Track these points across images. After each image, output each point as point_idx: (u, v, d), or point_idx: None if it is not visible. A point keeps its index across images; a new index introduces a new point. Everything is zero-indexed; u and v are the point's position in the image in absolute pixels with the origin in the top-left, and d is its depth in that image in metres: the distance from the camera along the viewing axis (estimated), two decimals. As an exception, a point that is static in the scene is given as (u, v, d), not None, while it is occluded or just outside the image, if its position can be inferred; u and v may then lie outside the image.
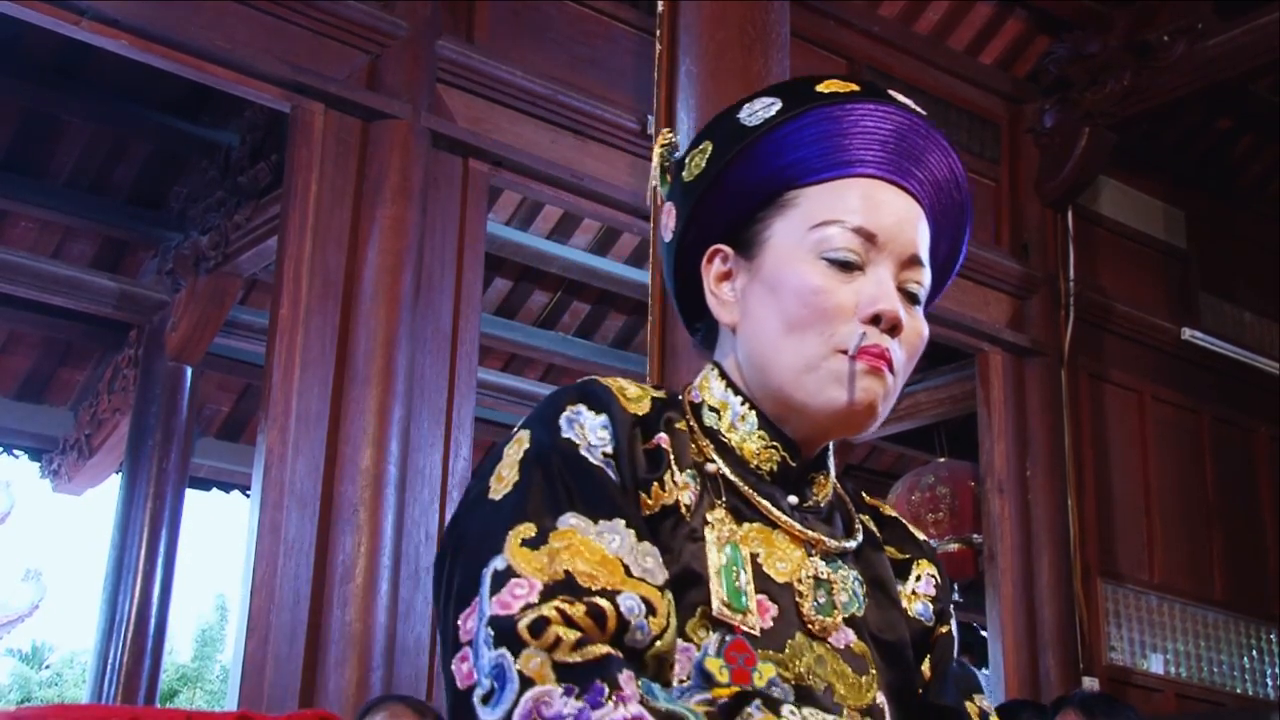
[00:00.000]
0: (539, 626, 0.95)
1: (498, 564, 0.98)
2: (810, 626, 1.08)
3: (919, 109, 1.15)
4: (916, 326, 1.11)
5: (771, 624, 1.06)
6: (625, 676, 0.94)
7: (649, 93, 3.47)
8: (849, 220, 1.09)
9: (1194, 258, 5.71)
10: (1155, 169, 5.63)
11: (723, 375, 1.15)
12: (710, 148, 1.15)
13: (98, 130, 5.16)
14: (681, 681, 1.02)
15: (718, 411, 1.13)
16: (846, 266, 1.09)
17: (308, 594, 3.36)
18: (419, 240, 3.68)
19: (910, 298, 1.11)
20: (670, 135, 1.27)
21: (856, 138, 1.12)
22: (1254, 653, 5.39)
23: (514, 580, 0.96)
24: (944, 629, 1.21)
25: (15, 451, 6.35)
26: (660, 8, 3.45)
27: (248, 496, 4.25)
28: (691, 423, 1.13)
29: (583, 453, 1.04)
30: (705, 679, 1.01)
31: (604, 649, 0.95)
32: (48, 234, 5.48)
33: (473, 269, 3.88)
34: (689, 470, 1.09)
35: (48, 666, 16.28)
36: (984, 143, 5.16)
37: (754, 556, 1.08)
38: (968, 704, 1.19)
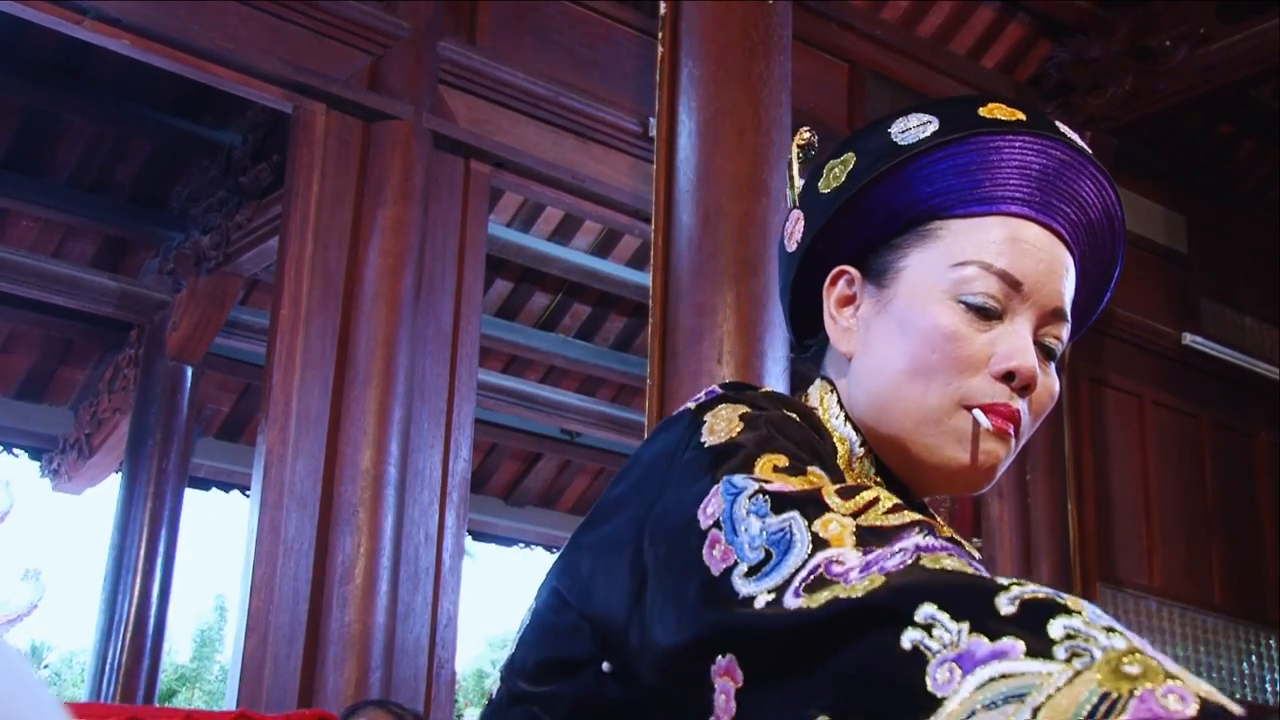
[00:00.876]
0: (847, 491, 0.81)
1: (755, 474, 0.84)
2: None
3: (1084, 144, 1.05)
4: (1049, 385, 1.02)
5: None
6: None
7: (651, 95, 3.47)
8: (994, 263, 1.00)
9: (1195, 263, 5.71)
10: (1156, 174, 5.63)
11: (840, 403, 1.06)
12: (854, 161, 1.05)
13: (99, 129, 5.17)
14: None
15: (835, 444, 1.03)
16: (985, 313, 0.99)
17: (307, 594, 3.36)
18: (420, 241, 3.68)
19: (1047, 353, 1.02)
20: (809, 135, 1.17)
21: (1014, 172, 1.01)
22: (1253, 658, 5.38)
23: (782, 482, 0.83)
24: None
25: (15, 450, 6.35)
26: (662, 10, 3.45)
27: (247, 496, 4.25)
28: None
29: (818, 431, 0.95)
30: None
31: (913, 517, 0.80)
32: (49, 233, 5.48)
33: (473, 270, 3.88)
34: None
35: (46, 666, 16.28)
36: (985, 147, 5.16)
37: None
38: None
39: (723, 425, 0.90)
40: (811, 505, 0.80)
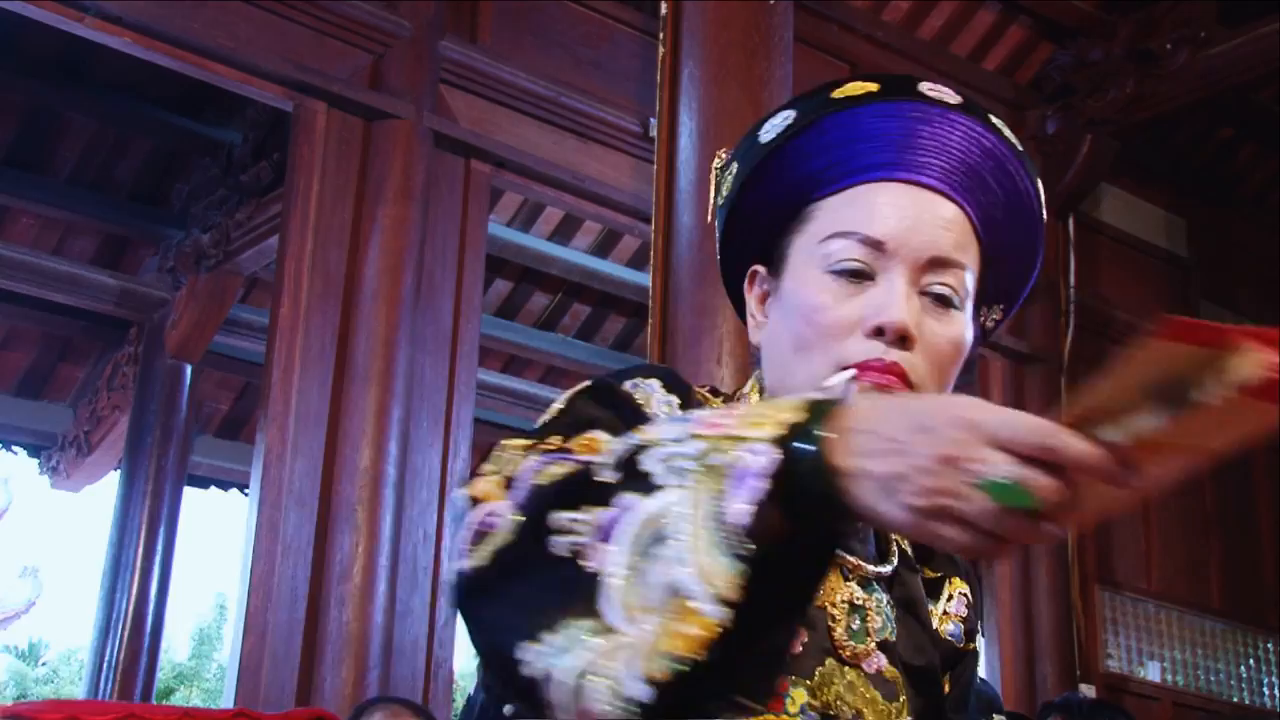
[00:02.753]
0: (499, 455, 0.89)
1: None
2: (842, 652, 1.04)
3: (946, 94, 1.07)
4: (945, 332, 1.03)
5: (801, 649, 1.01)
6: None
7: (651, 95, 3.47)
8: (855, 230, 1.03)
9: (1195, 266, 5.71)
10: (1157, 177, 5.63)
11: (761, 391, 1.11)
12: (735, 168, 1.10)
13: (100, 127, 5.17)
14: None
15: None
16: (855, 276, 1.02)
17: (305, 593, 3.36)
18: (420, 240, 3.68)
19: (939, 300, 1.03)
20: (723, 155, 1.21)
21: (870, 141, 1.05)
22: (1251, 661, 5.38)
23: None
24: (971, 646, 1.17)
25: (14, 448, 6.35)
26: (664, 11, 3.45)
27: (246, 495, 4.25)
28: None
29: (640, 404, 1.00)
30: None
31: (550, 444, 0.87)
32: (49, 230, 5.48)
33: (473, 270, 3.88)
34: None
35: (44, 663, 16.26)
36: (986, 149, 5.16)
37: None
38: None
39: (554, 405, 0.99)
40: (472, 478, 0.89)
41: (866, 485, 0.72)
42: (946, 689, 1.14)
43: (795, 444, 0.73)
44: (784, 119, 1.08)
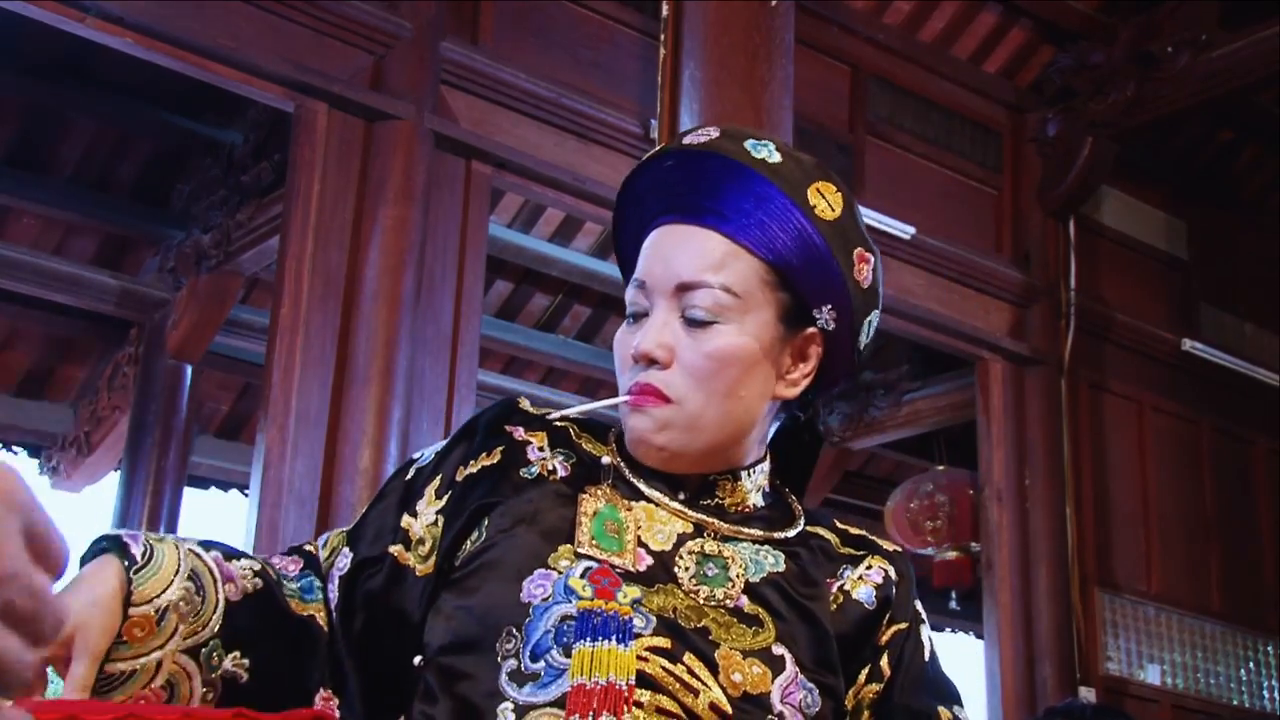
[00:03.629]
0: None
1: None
2: (691, 594, 1.12)
3: (706, 137, 1.21)
4: (700, 347, 1.15)
5: (645, 570, 1.12)
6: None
7: (653, 97, 3.47)
8: (634, 277, 1.20)
9: (1195, 269, 5.71)
10: (1158, 180, 5.63)
11: None
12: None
13: (101, 127, 5.17)
14: (545, 599, 1.06)
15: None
16: (635, 318, 1.19)
17: (305, 594, 3.36)
18: (421, 241, 3.68)
19: (694, 320, 1.16)
20: None
21: (645, 196, 1.22)
22: (1251, 665, 5.38)
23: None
24: (900, 625, 1.21)
25: (14, 448, 6.34)
26: (665, 12, 3.45)
27: (246, 495, 4.24)
28: (578, 432, 1.26)
29: (412, 465, 1.29)
30: (568, 593, 1.07)
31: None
32: (50, 230, 5.48)
33: (474, 271, 3.88)
34: (561, 453, 1.21)
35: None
36: (986, 151, 5.16)
37: (636, 525, 1.15)
38: (942, 709, 1.20)
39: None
40: None
41: None
42: (887, 671, 1.19)
43: None
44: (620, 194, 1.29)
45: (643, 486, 1.19)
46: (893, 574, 1.23)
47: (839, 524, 1.28)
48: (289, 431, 3.44)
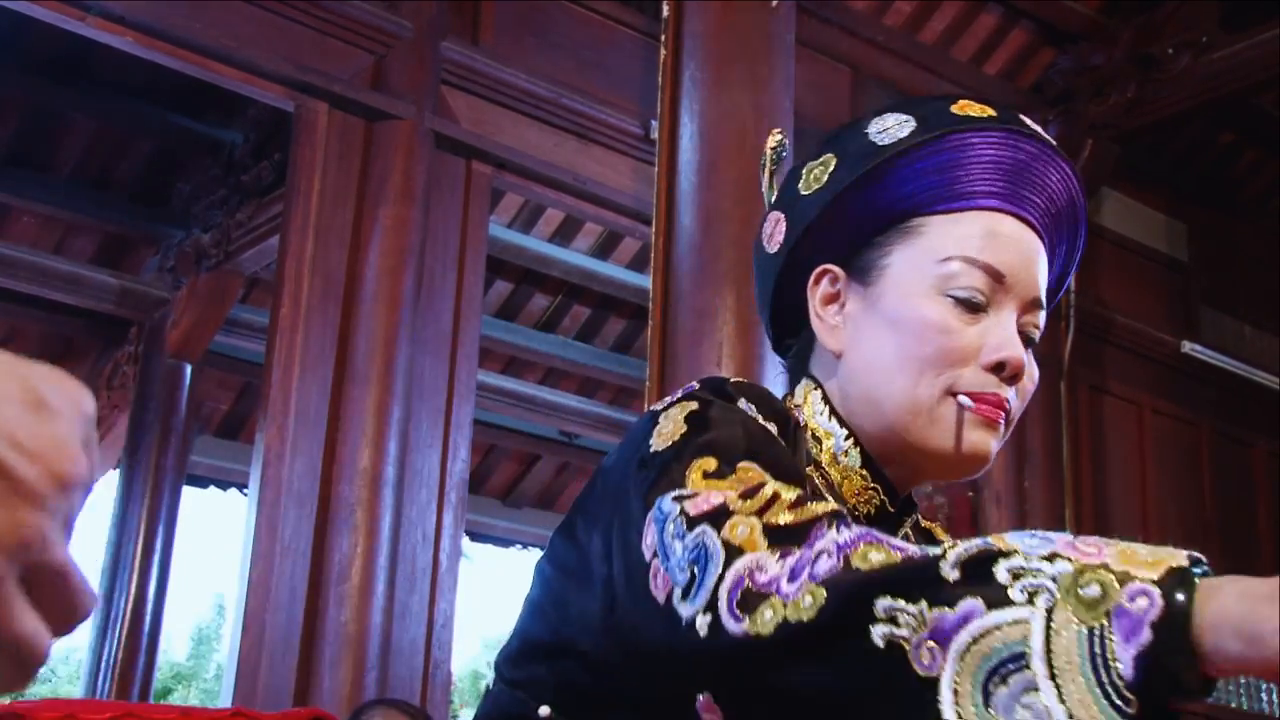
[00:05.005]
0: (750, 491, 0.84)
1: (680, 492, 0.86)
2: None
3: (1049, 137, 1.09)
4: (1031, 372, 1.06)
5: None
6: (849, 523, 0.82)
7: (653, 97, 3.47)
8: (978, 257, 1.03)
9: (1195, 271, 5.71)
10: (1158, 181, 5.63)
11: (825, 399, 1.08)
12: (834, 162, 1.07)
13: (101, 126, 5.17)
14: None
15: (820, 441, 1.06)
16: (972, 306, 1.03)
17: (303, 593, 3.36)
18: (421, 241, 3.68)
19: (1026, 340, 1.06)
20: (780, 135, 1.20)
21: (988, 167, 1.05)
22: (1250, 667, 5.38)
23: (705, 493, 0.86)
24: None
25: (13, 446, 6.33)
26: (665, 13, 3.45)
27: (245, 494, 4.24)
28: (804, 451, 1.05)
29: (762, 421, 0.97)
30: None
31: (828, 506, 0.83)
32: (50, 229, 5.48)
33: (474, 271, 3.88)
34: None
35: (42, 662, 16.23)
36: (987, 153, 5.16)
37: None
38: None
39: (669, 427, 0.93)
40: (719, 515, 0.82)
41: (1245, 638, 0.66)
42: None
43: (1176, 593, 0.66)
44: (902, 123, 1.06)
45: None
46: None
47: (921, 521, 1.18)
48: (288, 431, 3.44)
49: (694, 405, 0.95)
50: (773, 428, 0.98)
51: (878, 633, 0.72)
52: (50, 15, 3.42)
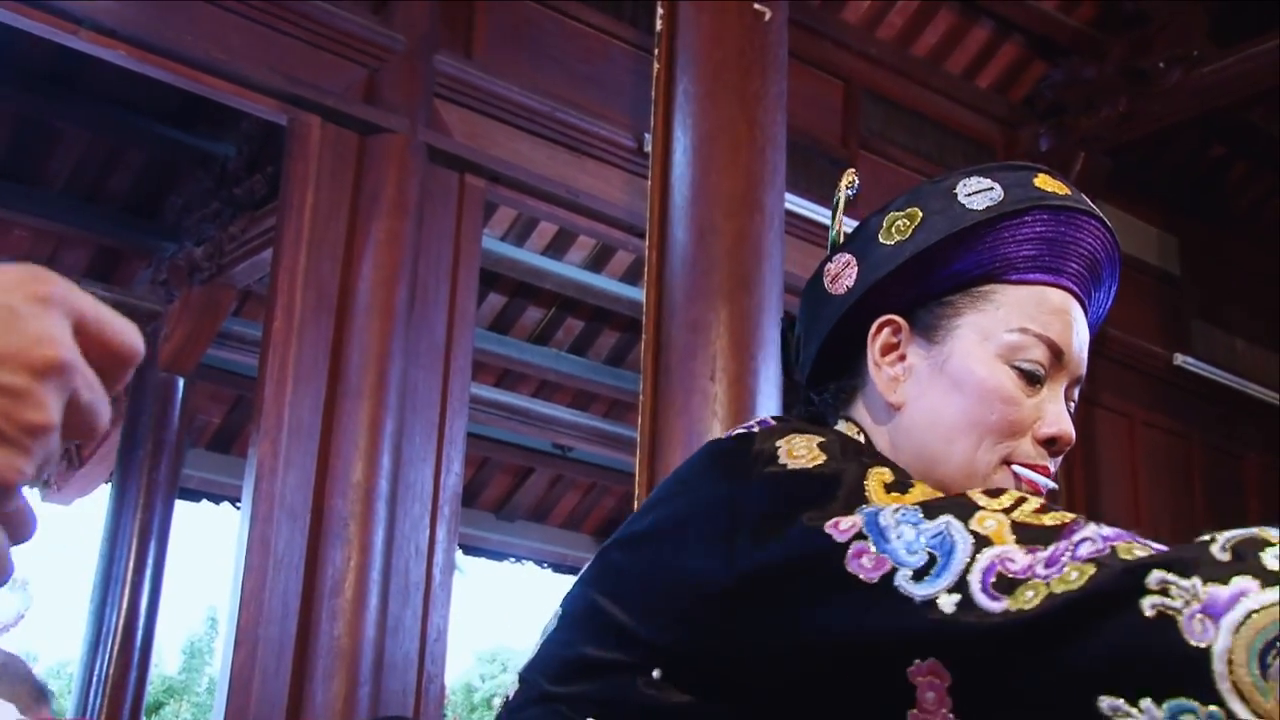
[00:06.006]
0: (994, 491, 0.90)
1: (889, 505, 0.89)
2: None
3: (1106, 219, 1.14)
4: (1071, 439, 1.11)
5: None
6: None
7: (646, 111, 3.48)
8: (1045, 333, 1.07)
9: (1187, 284, 5.73)
10: (1150, 195, 5.65)
11: (871, 446, 1.10)
12: (920, 217, 1.10)
13: (93, 139, 5.16)
14: None
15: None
16: (1032, 379, 1.07)
17: (296, 607, 3.35)
18: (414, 254, 3.68)
19: (1069, 412, 1.11)
20: (853, 175, 1.22)
21: (1069, 247, 1.09)
22: (1243, 679, 5.38)
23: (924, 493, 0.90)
24: None
25: (4, 460, 6.31)
26: (658, 27, 3.46)
27: (237, 508, 4.23)
28: None
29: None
30: None
31: (1071, 516, 0.88)
32: (42, 242, 5.48)
33: (467, 284, 3.88)
34: None
35: (33, 676, 16.16)
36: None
37: None
38: None
39: (803, 451, 0.96)
40: (962, 506, 0.87)
41: None
42: None
43: None
44: (988, 189, 1.09)
45: None
46: None
47: None
48: (281, 445, 3.44)
49: (820, 438, 0.98)
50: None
51: (1148, 603, 0.76)
52: (43, 29, 3.42)
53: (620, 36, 4.31)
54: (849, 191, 1.21)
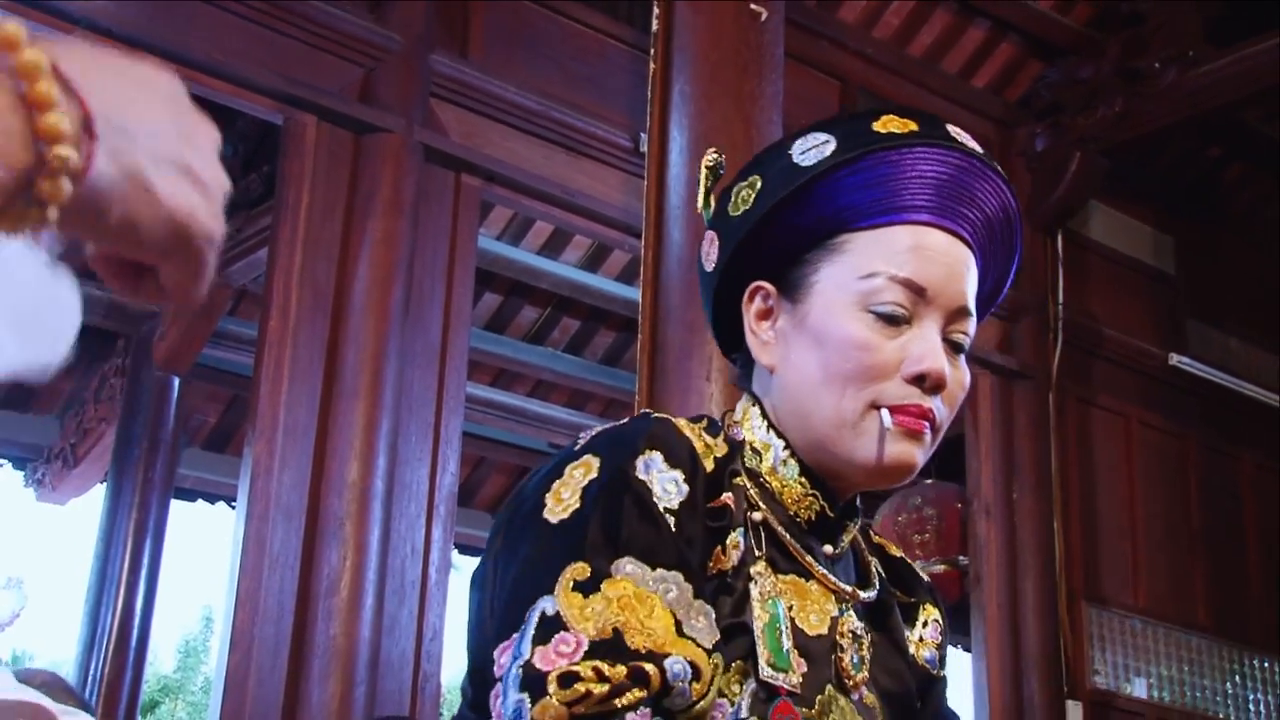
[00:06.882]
0: (568, 680, 0.92)
1: (547, 607, 0.94)
2: (846, 682, 1.06)
3: (976, 146, 1.11)
4: (959, 378, 1.09)
5: (802, 679, 1.03)
6: None
7: (642, 110, 3.47)
8: (898, 272, 1.06)
9: (1182, 284, 5.73)
10: (1145, 195, 5.65)
11: (764, 414, 1.11)
12: (760, 183, 1.11)
13: (89, 138, 5.15)
14: None
15: (759, 453, 1.10)
16: (893, 320, 1.06)
17: (292, 607, 3.35)
18: (409, 254, 3.68)
19: (955, 348, 1.08)
20: (716, 155, 1.22)
21: (912, 182, 1.07)
22: (1237, 678, 5.39)
23: (561, 634, 0.93)
24: (942, 673, 1.20)
25: (-1, 460, 6.31)
26: (655, 27, 3.46)
27: (233, 507, 4.23)
28: (740, 467, 1.09)
29: (654, 499, 0.99)
30: None
31: (630, 699, 0.92)
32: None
33: (463, 283, 3.87)
34: (739, 528, 1.05)
35: (28, 676, 16.11)
36: (975, 166, 5.18)
37: (789, 609, 1.05)
38: None
39: (567, 494, 0.99)
40: (539, 688, 0.92)
41: None
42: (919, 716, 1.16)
43: None
44: (823, 143, 1.08)
45: (795, 545, 1.08)
46: (941, 622, 1.21)
47: (874, 537, 1.23)
48: (277, 444, 3.43)
49: (594, 475, 0.99)
50: (679, 474, 1.01)
51: None
52: (39, 28, 3.41)
53: (616, 36, 4.31)
54: (714, 173, 1.20)
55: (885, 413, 1.04)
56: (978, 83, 5.17)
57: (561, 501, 0.99)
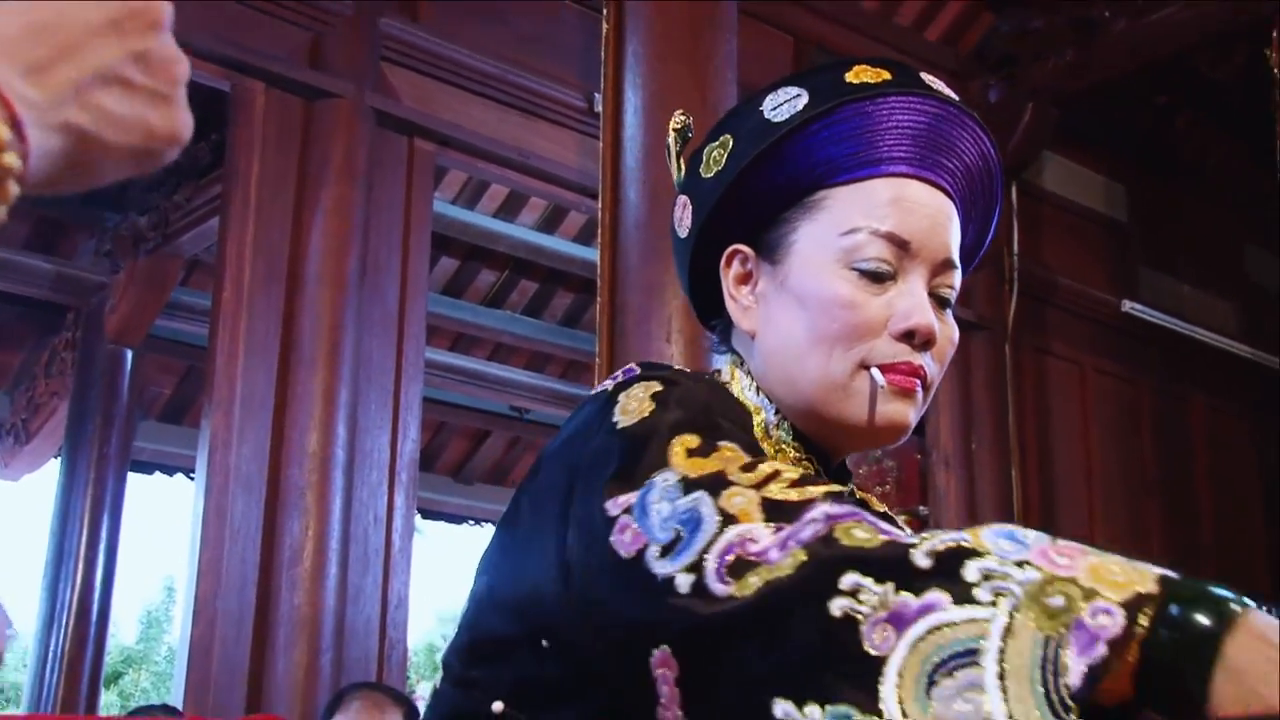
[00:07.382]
0: (751, 465, 0.83)
1: (663, 477, 0.84)
2: None
3: (952, 94, 1.08)
4: (948, 333, 1.05)
5: None
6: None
7: (597, 71, 3.45)
8: (880, 226, 1.02)
9: (1135, 232, 5.78)
10: (1097, 144, 5.68)
11: (750, 375, 1.08)
12: (731, 142, 1.06)
13: (31, 108, 5.06)
14: None
15: (751, 415, 1.05)
16: (878, 277, 1.02)
17: (255, 578, 3.33)
18: (364, 221, 3.64)
19: (941, 302, 1.05)
20: (684, 118, 1.17)
21: (888, 133, 1.04)
22: (1193, 620, 5.49)
23: (698, 464, 0.84)
24: None
25: (-49, 436, 6.22)
26: (606, -15, 3.43)
27: (191, 479, 4.19)
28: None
29: (736, 401, 0.97)
30: None
31: (828, 485, 0.83)
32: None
33: (419, 249, 3.84)
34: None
35: (-12, 652, 16.01)
36: (929, 119, 5.18)
37: None
38: None
39: (634, 405, 0.91)
40: (717, 483, 0.82)
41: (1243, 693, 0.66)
42: None
43: (1171, 613, 0.68)
44: (794, 98, 1.05)
45: None
46: None
47: (855, 491, 1.17)
48: (234, 416, 3.41)
49: (657, 386, 0.93)
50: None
51: (836, 605, 0.72)
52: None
53: (567, -5, 4.27)
54: (682, 135, 1.16)
55: (876, 371, 1.01)
56: (930, 35, 5.17)
57: (629, 413, 0.91)
